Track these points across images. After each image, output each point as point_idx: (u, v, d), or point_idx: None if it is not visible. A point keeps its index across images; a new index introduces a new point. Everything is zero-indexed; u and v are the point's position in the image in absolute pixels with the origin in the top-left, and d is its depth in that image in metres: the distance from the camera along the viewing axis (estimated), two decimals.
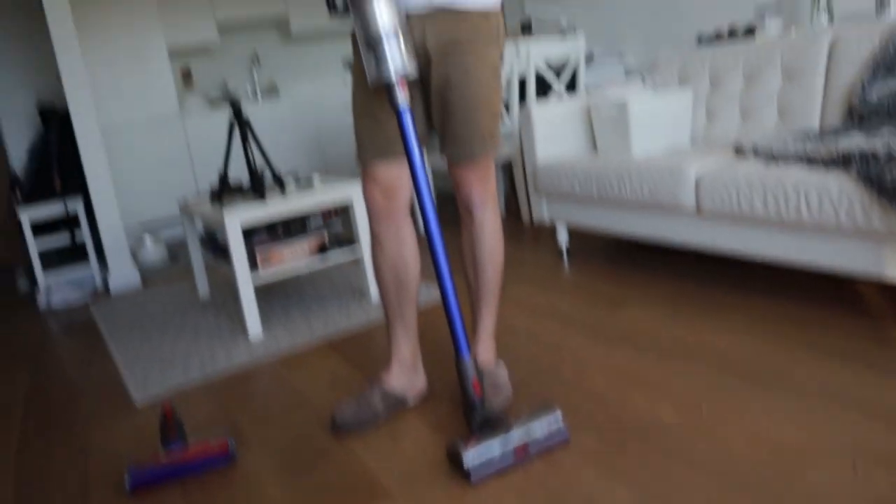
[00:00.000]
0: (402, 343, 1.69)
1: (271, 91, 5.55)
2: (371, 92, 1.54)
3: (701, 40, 3.54)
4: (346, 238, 2.69)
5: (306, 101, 5.31)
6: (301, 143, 5.29)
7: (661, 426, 1.42)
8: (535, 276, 2.61)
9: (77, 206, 3.74)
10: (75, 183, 3.73)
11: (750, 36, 3.31)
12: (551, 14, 4.10)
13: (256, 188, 2.50)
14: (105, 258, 3.59)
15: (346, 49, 5.73)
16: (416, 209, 3.04)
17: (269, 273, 2.50)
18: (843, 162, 1.74)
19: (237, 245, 2.38)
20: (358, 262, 2.76)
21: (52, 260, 3.79)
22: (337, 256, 2.62)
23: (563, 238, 2.82)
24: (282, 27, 5.60)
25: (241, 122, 2.56)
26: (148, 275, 3.85)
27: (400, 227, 1.63)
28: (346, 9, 1.46)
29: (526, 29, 4.53)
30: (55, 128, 3.80)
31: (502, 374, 1.68)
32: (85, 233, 3.76)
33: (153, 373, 2.22)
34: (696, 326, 1.89)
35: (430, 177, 3.60)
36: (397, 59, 1.38)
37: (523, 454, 1.35)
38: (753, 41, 2.73)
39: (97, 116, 4.62)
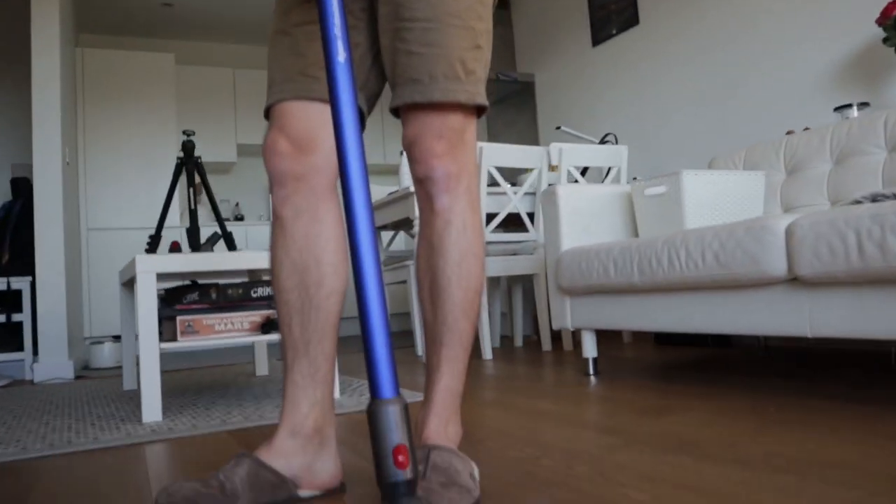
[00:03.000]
0: (303, 398, 1.00)
1: None
2: (294, 0, 1.02)
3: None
4: None
5: None
6: None
7: None
8: (553, 390, 1.90)
9: (23, 286, 3.21)
10: (27, 263, 3.23)
11: None
12: (587, 130, 3.70)
13: (191, 236, 1.93)
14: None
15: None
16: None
17: (187, 344, 1.86)
18: None
19: (146, 299, 1.77)
20: None
21: None
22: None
23: (589, 349, 2.13)
24: None
25: (189, 164, 2.06)
26: (94, 374, 3.20)
27: (317, 203, 1.01)
28: None
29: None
30: (21, 200, 3.38)
31: (465, 468, 0.95)
32: (26, 317, 3.21)
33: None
34: (778, 436, 1.16)
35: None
36: None
37: None
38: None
39: (86, 217, 4.27)
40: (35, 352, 3.20)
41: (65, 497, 1.11)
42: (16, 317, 3.21)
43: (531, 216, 3.00)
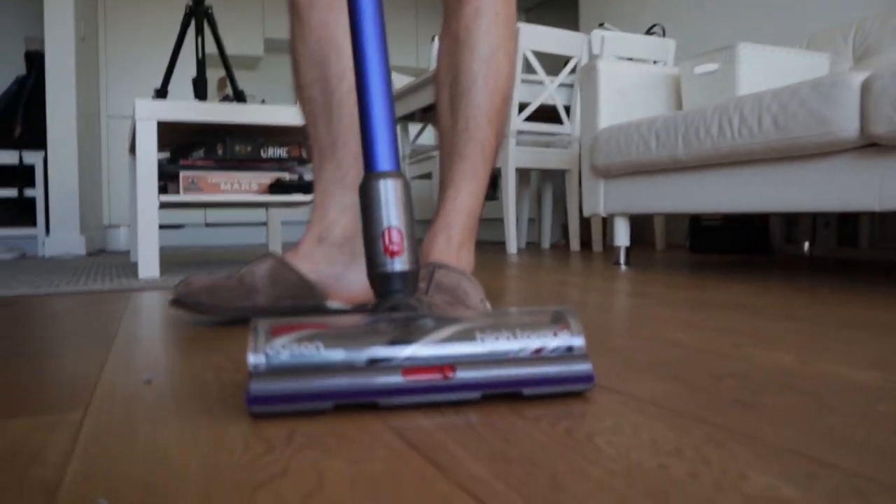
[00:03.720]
0: (331, 203, 0.91)
1: None
2: None
3: None
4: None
5: None
6: None
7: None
8: (580, 272, 1.75)
9: (35, 161, 3.11)
10: (40, 137, 3.12)
11: None
12: (632, 27, 3.43)
13: (198, 87, 1.77)
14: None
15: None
16: None
17: (189, 198, 1.73)
18: None
19: (146, 146, 1.63)
20: None
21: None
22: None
23: (622, 237, 1.96)
24: None
25: (198, 12, 1.88)
26: (105, 256, 3.13)
27: None
28: None
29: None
30: (34, 73, 3.24)
31: (476, 292, 0.81)
32: (38, 192, 3.12)
33: None
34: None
35: None
36: None
37: (435, 383, 0.47)
38: None
39: (106, 103, 4.14)
40: (48, 228, 3.13)
41: (36, 315, 1.00)
42: (29, 192, 3.13)
43: (567, 110, 2.79)
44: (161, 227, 3.42)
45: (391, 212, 0.56)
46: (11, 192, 3.08)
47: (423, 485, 0.34)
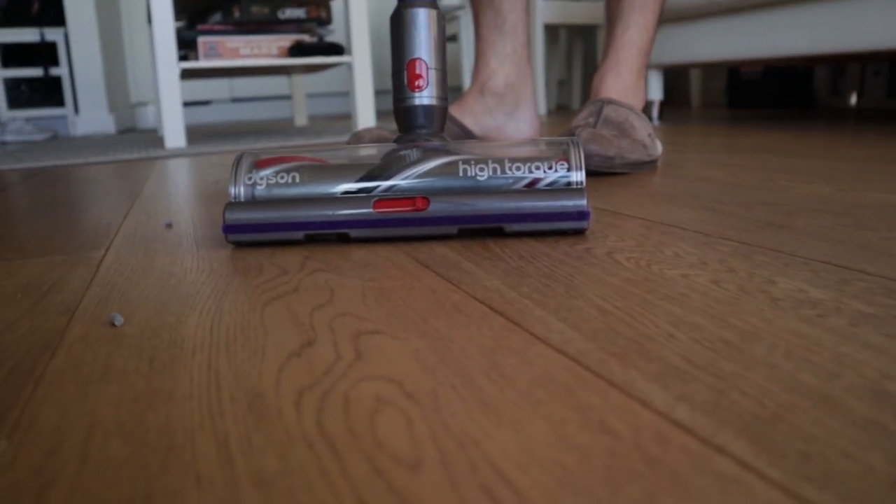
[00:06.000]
0: (491, 53, 0.90)
1: None
2: None
3: None
4: (335, 46, 1.83)
5: None
6: None
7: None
8: None
9: (57, 38, 3.06)
10: (59, 12, 3.05)
11: None
12: None
13: None
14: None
15: None
16: None
17: (208, 63, 1.69)
18: None
19: (162, 11, 1.58)
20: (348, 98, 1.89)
21: (25, 97, 3.14)
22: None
23: (655, 90, 1.88)
24: None
25: None
26: (135, 133, 3.14)
27: None
28: None
29: None
30: None
31: (644, 127, 0.80)
32: (63, 71, 3.09)
33: (23, 156, 1.44)
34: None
35: None
36: None
37: (406, 216, 0.45)
38: None
39: None
40: (76, 107, 3.12)
41: (66, 178, 1.01)
42: (54, 71, 3.10)
43: None
44: (187, 104, 3.40)
45: (419, 43, 0.53)
46: (37, 72, 3.06)
47: (433, 296, 0.33)
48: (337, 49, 1.77)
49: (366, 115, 1.78)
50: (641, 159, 0.76)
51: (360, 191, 0.46)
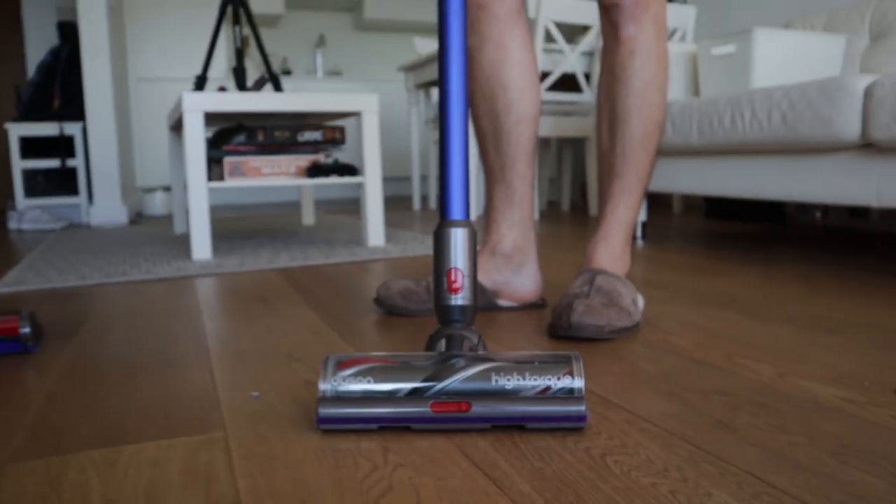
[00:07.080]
0: (502, 220, 1.09)
1: (335, 73, 5.07)
2: None
3: None
4: (349, 167, 2.03)
5: (369, 86, 4.78)
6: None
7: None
8: None
9: (75, 131, 3.26)
10: (78, 108, 3.26)
11: None
12: None
13: (238, 75, 1.90)
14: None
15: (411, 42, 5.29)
16: None
17: (234, 184, 1.88)
18: None
19: (194, 137, 1.77)
20: (357, 209, 2.09)
21: (41, 186, 3.32)
22: (331, 184, 1.97)
23: (640, 213, 2.08)
24: (355, 11, 5.14)
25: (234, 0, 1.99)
26: (145, 222, 3.30)
27: (501, 31, 1.04)
28: None
29: None
30: (68, 45, 3.35)
31: (629, 294, 0.98)
32: (79, 162, 3.28)
33: (49, 273, 1.60)
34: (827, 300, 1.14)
35: None
36: None
37: (454, 415, 0.62)
38: None
39: (135, 67, 4.24)
40: (90, 197, 3.29)
41: (121, 317, 1.17)
42: (71, 163, 3.29)
43: (587, 77, 2.87)
44: None
45: (457, 255, 0.71)
46: (54, 163, 3.24)
47: (489, 500, 0.49)
48: (351, 170, 1.97)
49: (376, 231, 1.96)
50: (626, 325, 0.93)
51: (421, 390, 0.62)
